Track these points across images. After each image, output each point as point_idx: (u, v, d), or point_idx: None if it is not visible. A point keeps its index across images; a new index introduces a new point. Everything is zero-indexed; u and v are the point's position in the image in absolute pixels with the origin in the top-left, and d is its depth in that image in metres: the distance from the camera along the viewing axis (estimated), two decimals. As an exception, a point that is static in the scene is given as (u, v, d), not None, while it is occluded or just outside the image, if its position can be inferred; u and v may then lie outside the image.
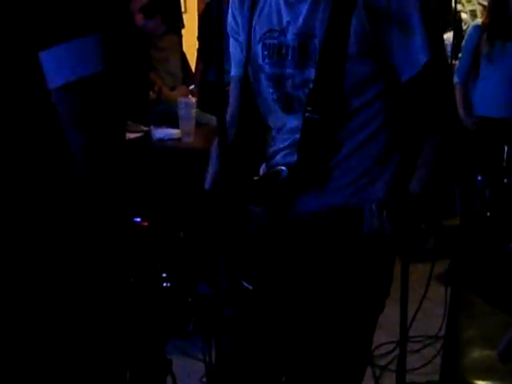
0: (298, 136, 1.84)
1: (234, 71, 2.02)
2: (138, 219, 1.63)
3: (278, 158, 1.94)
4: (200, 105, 4.17)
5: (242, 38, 1.97)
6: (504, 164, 1.35)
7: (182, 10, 5.84)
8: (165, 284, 1.57)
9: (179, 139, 3.97)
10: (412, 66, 1.78)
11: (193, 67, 5.39)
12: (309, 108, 1.81)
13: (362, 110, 1.83)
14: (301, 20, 1.81)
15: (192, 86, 4.82)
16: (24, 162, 1.52)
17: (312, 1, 1.79)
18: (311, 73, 1.80)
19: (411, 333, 2.44)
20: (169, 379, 2.13)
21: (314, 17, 1.79)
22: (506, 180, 1.37)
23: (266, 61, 1.89)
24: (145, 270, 1.62)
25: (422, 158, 1.84)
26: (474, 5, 5.22)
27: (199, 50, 5.30)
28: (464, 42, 4.43)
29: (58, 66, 1.40)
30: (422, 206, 1.80)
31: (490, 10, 4.22)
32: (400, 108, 1.87)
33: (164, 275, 1.58)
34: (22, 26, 1.41)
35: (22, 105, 1.49)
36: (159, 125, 4.17)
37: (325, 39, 1.77)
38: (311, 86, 1.81)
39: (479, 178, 1.40)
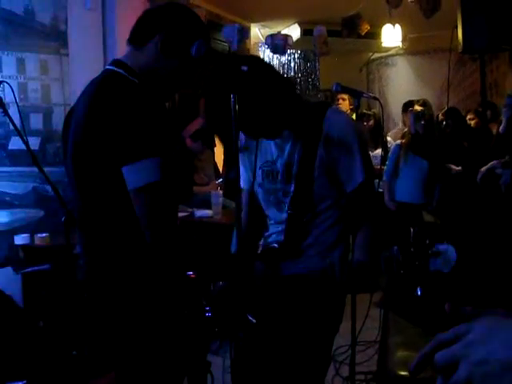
0: (284, 226, 1.85)
1: (243, 184, 1.93)
2: (190, 272, 1.62)
3: (271, 238, 1.93)
4: (224, 194, 4.11)
5: (248, 166, 1.94)
6: (411, 240, 1.45)
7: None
8: (207, 314, 1.55)
9: (212, 217, 3.91)
10: (353, 182, 1.77)
11: (220, 169, 5.30)
12: (291, 207, 1.82)
13: (324, 212, 1.82)
14: (285, 155, 1.82)
15: (220, 181, 4.78)
16: (117, 231, 1.54)
17: (292, 144, 1.80)
18: (292, 187, 1.82)
19: (359, 339, 2.39)
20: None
21: (293, 153, 1.80)
22: (412, 249, 1.46)
23: (265, 180, 1.90)
24: (194, 305, 1.60)
25: (357, 244, 1.83)
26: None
27: (224, 160, 5.25)
28: (389, 154, 4.45)
29: (129, 177, 1.44)
30: (363, 269, 1.79)
31: (407, 135, 4.30)
32: (346, 213, 1.85)
33: (207, 308, 1.55)
34: (113, 153, 1.45)
35: (115, 199, 1.51)
36: (199, 207, 4.10)
37: (299, 167, 1.78)
38: (291, 195, 1.82)
39: (395, 247, 1.48)
